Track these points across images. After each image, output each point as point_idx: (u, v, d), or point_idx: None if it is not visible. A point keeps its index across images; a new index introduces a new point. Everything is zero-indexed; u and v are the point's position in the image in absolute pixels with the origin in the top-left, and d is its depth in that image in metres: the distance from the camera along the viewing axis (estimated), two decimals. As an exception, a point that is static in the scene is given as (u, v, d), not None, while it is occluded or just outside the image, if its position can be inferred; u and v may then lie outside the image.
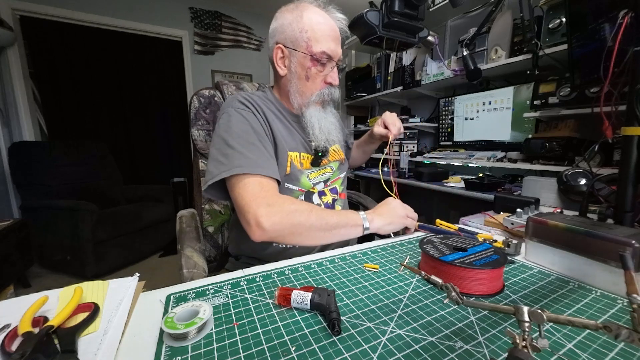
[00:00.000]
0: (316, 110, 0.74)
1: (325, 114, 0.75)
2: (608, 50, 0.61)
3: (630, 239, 0.40)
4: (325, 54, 0.69)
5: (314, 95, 0.72)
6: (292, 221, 0.56)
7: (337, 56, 0.71)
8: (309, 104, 0.73)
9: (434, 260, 0.46)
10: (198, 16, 3.01)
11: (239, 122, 0.65)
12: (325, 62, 0.70)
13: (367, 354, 0.31)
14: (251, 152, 0.62)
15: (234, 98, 0.70)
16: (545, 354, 0.30)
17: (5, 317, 0.36)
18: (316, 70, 0.70)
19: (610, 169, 0.86)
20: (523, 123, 1.42)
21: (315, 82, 0.72)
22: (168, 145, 3.46)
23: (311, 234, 0.58)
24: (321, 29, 0.68)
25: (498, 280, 0.44)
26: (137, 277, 0.45)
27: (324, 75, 0.72)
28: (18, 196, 2.35)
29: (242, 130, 0.64)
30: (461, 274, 0.43)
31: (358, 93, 2.49)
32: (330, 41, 0.69)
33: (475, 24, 1.49)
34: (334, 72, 0.73)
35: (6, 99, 2.42)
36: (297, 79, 0.72)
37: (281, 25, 0.70)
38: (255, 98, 0.72)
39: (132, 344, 0.33)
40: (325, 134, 0.73)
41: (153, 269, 2.23)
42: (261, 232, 0.55)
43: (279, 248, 0.70)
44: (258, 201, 0.56)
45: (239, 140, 0.62)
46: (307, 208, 0.59)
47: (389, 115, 0.86)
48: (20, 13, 2.40)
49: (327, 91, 0.73)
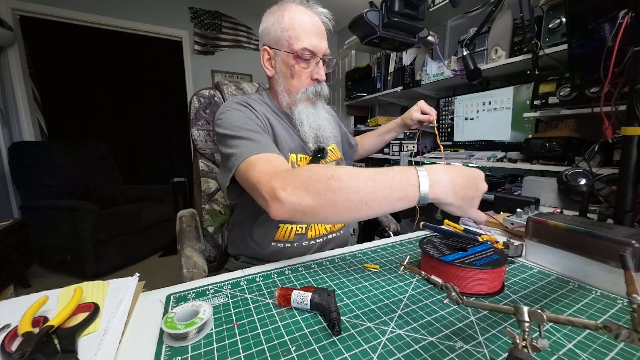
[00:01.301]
0: (305, 107, 0.73)
1: (315, 110, 0.74)
2: (608, 50, 0.61)
3: (630, 239, 0.40)
4: (306, 49, 0.68)
5: (300, 92, 0.72)
6: (314, 188, 0.45)
7: (321, 51, 0.70)
8: (297, 101, 0.72)
9: (434, 260, 0.46)
10: (198, 16, 3.01)
11: (238, 116, 0.65)
12: (308, 58, 0.69)
13: (367, 354, 0.31)
14: (254, 138, 0.60)
15: (232, 101, 0.71)
16: (545, 354, 0.30)
17: (5, 317, 0.36)
18: (300, 67, 0.70)
19: (610, 169, 0.86)
20: (523, 123, 1.42)
21: (301, 80, 0.71)
22: (168, 145, 3.46)
23: (338, 204, 0.44)
24: (301, 26, 0.68)
25: (498, 280, 0.44)
26: (137, 277, 0.45)
27: (309, 71, 0.71)
28: (18, 196, 2.35)
29: (242, 122, 0.63)
30: (461, 274, 0.43)
31: (358, 93, 2.48)
32: (312, 36, 0.68)
33: (475, 24, 1.49)
34: (319, 68, 0.71)
35: (6, 99, 2.42)
36: (284, 78, 0.72)
37: (265, 27, 0.71)
38: (252, 101, 0.72)
39: (132, 344, 0.33)
40: (314, 130, 0.73)
41: (153, 269, 2.23)
42: (279, 205, 0.46)
43: (277, 247, 0.70)
44: (269, 174, 0.50)
45: (240, 132, 0.61)
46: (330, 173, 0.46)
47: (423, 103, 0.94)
48: (20, 13, 2.40)
49: (313, 88, 0.72)
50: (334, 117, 0.88)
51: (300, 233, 0.71)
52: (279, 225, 0.70)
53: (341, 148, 0.90)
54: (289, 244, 0.71)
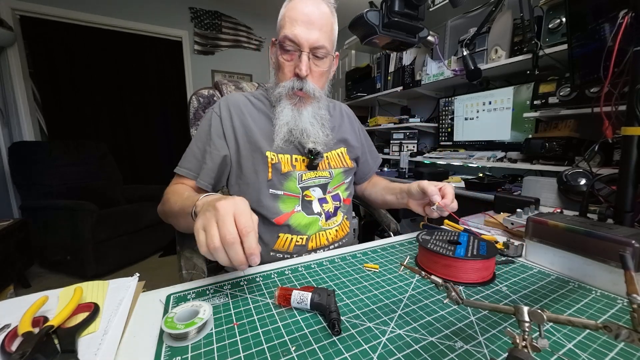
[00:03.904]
0: (285, 106, 0.67)
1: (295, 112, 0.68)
2: (608, 50, 0.61)
3: (630, 239, 0.40)
4: (287, 38, 0.62)
5: (279, 87, 0.67)
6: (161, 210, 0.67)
7: (308, 43, 0.63)
8: (280, 97, 0.68)
9: (430, 252, 0.49)
10: (198, 16, 3.01)
11: (203, 126, 0.71)
12: (289, 49, 0.63)
13: (367, 354, 0.31)
14: (193, 155, 0.70)
15: (219, 101, 0.73)
16: (545, 354, 0.30)
17: (5, 317, 0.36)
18: (282, 59, 0.65)
19: (610, 169, 0.86)
20: (523, 123, 1.42)
21: (284, 73, 0.66)
22: (168, 145, 3.46)
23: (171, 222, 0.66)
24: (290, 15, 0.63)
25: (489, 270, 0.48)
26: (137, 277, 0.45)
27: (292, 64, 0.65)
28: (18, 196, 2.35)
29: (199, 135, 0.71)
30: (456, 264, 0.46)
31: (358, 93, 2.49)
32: (298, 25, 0.62)
33: (475, 24, 1.49)
34: (301, 61, 0.63)
35: (6, 99, 2.42)
36: (275, 70, 0.70)
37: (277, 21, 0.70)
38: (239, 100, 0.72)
39: (132, 344, 0.33)
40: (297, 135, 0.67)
41: (153, 269, 2.23)
42: None
43: (275, 257, 0.69)
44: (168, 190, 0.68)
45: (194, 143, 0.71)
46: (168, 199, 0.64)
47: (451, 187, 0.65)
48: (20, 13, 2.40)
49: (291, 84, 0.65)
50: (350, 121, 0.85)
51: (301, 244, 0.70)
52: (278, 235, 0.69)
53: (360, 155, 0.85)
54: (288, 254, 0.69)
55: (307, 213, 0.71)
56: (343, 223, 0.78)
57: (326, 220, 0.73)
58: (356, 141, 0.85)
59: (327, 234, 0.73)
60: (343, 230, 0.78)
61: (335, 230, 0.75)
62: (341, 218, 0.77)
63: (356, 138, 0.85)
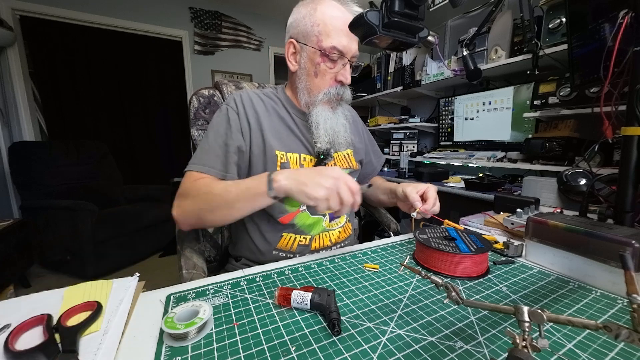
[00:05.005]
0: (323, 110, 0.70)
1: (333, 115, 0.71)
2: (608, 50, 0.61)
3: (630, 239, 0.40)
4: (335, 49, 0.65)
5: (321, 93, 0.69)
6: (195, 207, 0.59)
7: (351, 53, 0.67)
8: (316, 102, 0.69)
9: (427, 247, 0.51)
10: (198, 16, 3.01)
11: (218, 122, 0.68)
12: (335, 59, 0.66)
13: (367, 354, 0.31)
14: (210, 151, 0.65)
15: (232, 97, 0.71)
16: (545, 354, 0.30)
17: (5, 317, 0.36)
18: (325, 66, 0.67)
19: (610, 169, 0.86)
20: (523, 123, 1.42)
21: (324, 79, 0.68)
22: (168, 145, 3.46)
23: (216, 215, 0.58)
24: (333, 23, 0.65)
25: (482, 265, 0.50)
26: (137, 277, 0.45)
27: (334, 72, 0.68)
28: (18, 196, 2.35)
29: (215, 130, 0.67)
30: (452, 259, 0.48)
31: (358, 93, 2.49)
32: (343, 36, 0.65)
33: (475, 24, 1.49)
34: (345, 70, 0.68)
35: (6, 99, 2.42)
36: (306, 75, 0.69)
37: (295, 19, 0.68)
38: (252, 96, 0.71)
39: (132, 343, 0.33)
40: (329, 135, 0.70)
41: (153, 269, 2.23)
42: (177, 222, 0.62)
43: (278, 257, 0.69)
44: (178, 193, 0.62)
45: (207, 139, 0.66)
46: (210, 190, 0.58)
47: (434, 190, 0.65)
48: (20, 13, 2.40)
49: (335, 90, 0.69)
50: (354, 123, 0.85)
51: (304, 244, 0.70)
52: (282, 234, 0.69)
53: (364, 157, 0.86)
54: (292, 254, 0.69)
55: (311, 213, 0.71)
56: (346, 225, 0.78)
57: (330, 221, 0.74)
58: (360, 143, 0.86)
59: (330, 234, 0.73)
60: (346, 232, 0.78)
61: (338, 231, 0.75)
62: (344, 220, 0.78)
63: (360, 140, 0.87)
